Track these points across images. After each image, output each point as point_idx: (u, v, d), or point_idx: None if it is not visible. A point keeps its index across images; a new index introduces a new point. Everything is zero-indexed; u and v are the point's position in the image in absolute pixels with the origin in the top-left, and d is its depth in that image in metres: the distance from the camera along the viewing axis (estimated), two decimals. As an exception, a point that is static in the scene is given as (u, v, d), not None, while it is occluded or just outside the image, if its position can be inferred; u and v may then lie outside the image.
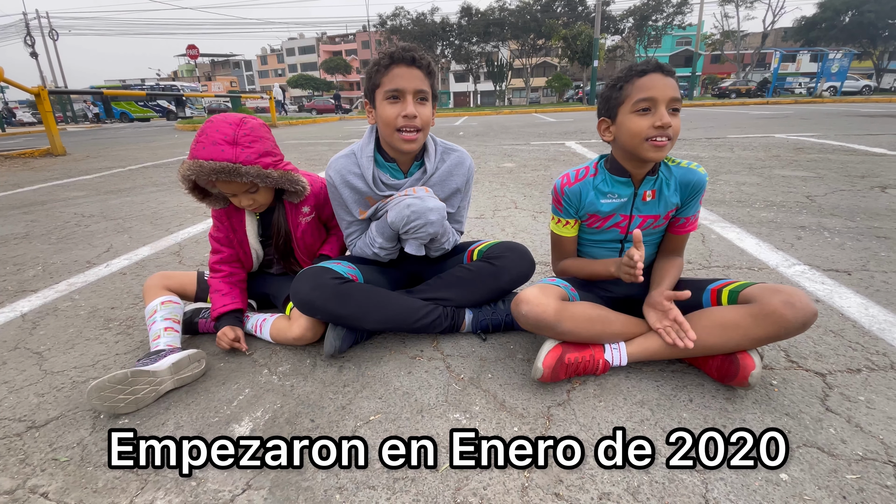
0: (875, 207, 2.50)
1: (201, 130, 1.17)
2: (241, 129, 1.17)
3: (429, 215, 1.19)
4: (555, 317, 1.05)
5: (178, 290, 1.38)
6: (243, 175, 1.16)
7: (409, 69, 1.14)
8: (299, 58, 70.94)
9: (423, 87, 1.16)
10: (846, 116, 9.23)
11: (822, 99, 19.05)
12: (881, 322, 1.32)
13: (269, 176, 1.20)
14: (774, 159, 4.25)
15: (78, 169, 5.67)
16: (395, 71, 1.14)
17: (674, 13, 33.04)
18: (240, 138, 1.16)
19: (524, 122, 11.79)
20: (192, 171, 1.15)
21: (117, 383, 1.02)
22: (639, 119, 1.03)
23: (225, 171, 1.14)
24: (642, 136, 1.03)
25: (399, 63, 1.14)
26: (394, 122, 1.16)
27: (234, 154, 1.15)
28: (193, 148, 1.16)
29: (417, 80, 1.15)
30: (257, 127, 1.22)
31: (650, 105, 1.01)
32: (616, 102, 1.08)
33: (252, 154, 1.17)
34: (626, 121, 1.05)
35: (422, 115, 1.17)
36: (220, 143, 1.14)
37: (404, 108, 1.15)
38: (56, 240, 2.53)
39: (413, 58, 1.14)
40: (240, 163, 1.15)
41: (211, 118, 1.20)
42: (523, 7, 35.37)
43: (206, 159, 1.13)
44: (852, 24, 32.86)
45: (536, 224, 2.50)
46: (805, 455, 0.87)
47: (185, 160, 1.17)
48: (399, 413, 1.03)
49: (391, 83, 1.14)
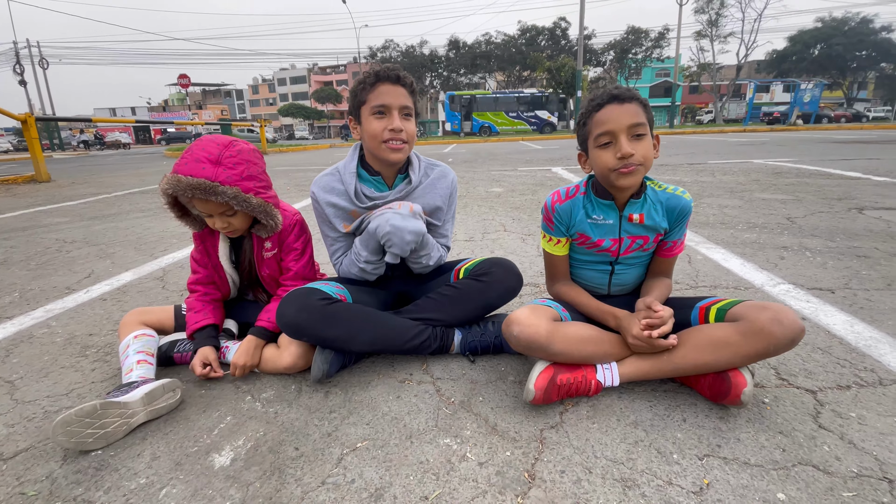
0: (853, 228, 2.57)
1: (189, 148, 1.17)
2: (227, 150, 1.17)
3: (405, 235, 1.20)
4: (547, 337, 1.04)
5: (155, 326, 1.34)
6: (219, 194, 1.14)
7: (394, 87, 1.19)
8: (290, 87, 72.13)
9: (407, 104, 1.21)
10: (820, 143, 9.60)
11: (797, 126, 19.81)
12: (867, 339, 1.33)
13: (246, 200, 1.18)
14: (754, 183, 4.37)
15: (62, 195, 5.59)
16: (381, 88, 1.18)
17: (652, 46, 34.55)
18: (224, 159, 1.16)
19: (512, 150, 12.02)
20: (169, 185, 1.14)
21: (85, 416, 0.96)
22: (602, 153, 1.06)
23: (201, 189, 1.13)
24: (609, 168, 1.06)
25: (384, 81, 1.18)
26: (381, 135, 1.19)
27: (214, 173, 1.14)
28: (177, 163, 1.15)
29: (402, 96, 1.20)
30: (246, 151, 1.21)
31: (610, 138, 1.05)
32: (583, 138, 1.13)
33: (234, 175, 1.16)
34: (594, 155, 1.09)
35: (407, 129, 1.21)
36: (202, 161, 1.14)
37: (391, 122, 1.19)
38: (35, 266, 2.46)
39: (398, 76, 1.19)
40: (218, 182, 1.14)
41: (201, 137, 1.19)
42: (508, 40, 36.70)
43: (185, 175, 1.12)
44: (822, 57, 34.67)
45: (525, 246, 2.51)
46: (801, 473, 0.85)
47: (167, 174, 1.16)
48: (387, 439, 1.00)
49: (378, 99, 1.18)
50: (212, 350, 1.26)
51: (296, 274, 1.37)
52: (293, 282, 1.37)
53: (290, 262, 1.37)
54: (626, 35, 34.39)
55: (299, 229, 1.38)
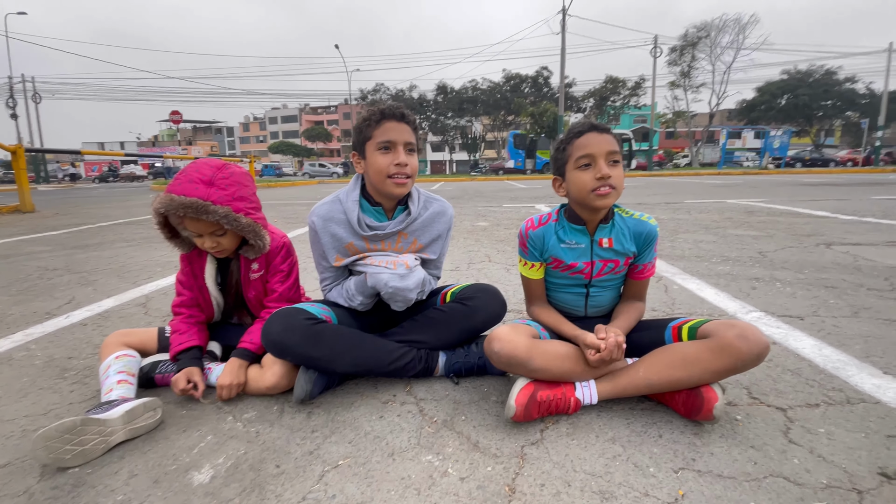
0: (822, 262, 2.69)
1: (183, 169, 1.21)
2: (220, 172, 1.22)
3: (408, 294, 1.27)
4: (526, 353, 1.08)
5: (138, 347, 1.33)
6: (211, 213, 1.18)
7: (399, 124, 1.25)
8: (281, 126, 73.53)
9: (411, 140, 1.27)
10: (790, 185, 10.06)
11: (769, 171, 20.77)
12: (835, 361, 1.39)
13: (237, 220, 1.22)
14: (728, 220, 4.55)
15: (45, 225, 5.53)
16: (387, 125, 1.24)
17: (629, 95, 36.37)
18: (217, 180, 1.20)
19: (497, 188, 12.32)
20: (162, 204, 1.18)
21: (65, 432, 0.95)
22: (581, 174, 1.15)
23: (193, 207, 1.16)
24: (587, 189, 1.14)
25: (390, 118, 1.25)
26: (386, 169, 1.24)
27: (207, 193, 1.18)
28: (170, 184, 1.20)
29: (406, 133, 1.26)
30: (238, 174, 1.26)
31: (590, 161, 1.14)
32: (562, 162, 1.21)
33: (225, 196, 1.20)
34: (573, 177, 1.17)
35: (411, 163, 1.27)
36: (195, 182, 1.18)
37: (396, 157, 1.24)
38: (16, 292, 2.42)
39: (402, 114, 1.26)
40: (210, 201, 1.17)
41: (195, 160, 1.24)
42: (494, 87, 38.37)
43: (178, 194, 1.16)
44: (789, 106, 36.84)
45: (509, 276, 2.56)
46: (772, 485, 0.88)
47: (160, 194, 1.20)
48: (369, 457, 1.00)
49: (384, 135, 1.24)
50: (197, 370, 1.25)
51: (280, 295, 1.39)
52: (277, 303, 1.38)
53: (275, 283, 1.40)
54: (604, 84, 36.24)
55: (286, 252, 1.41)
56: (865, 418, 1.09)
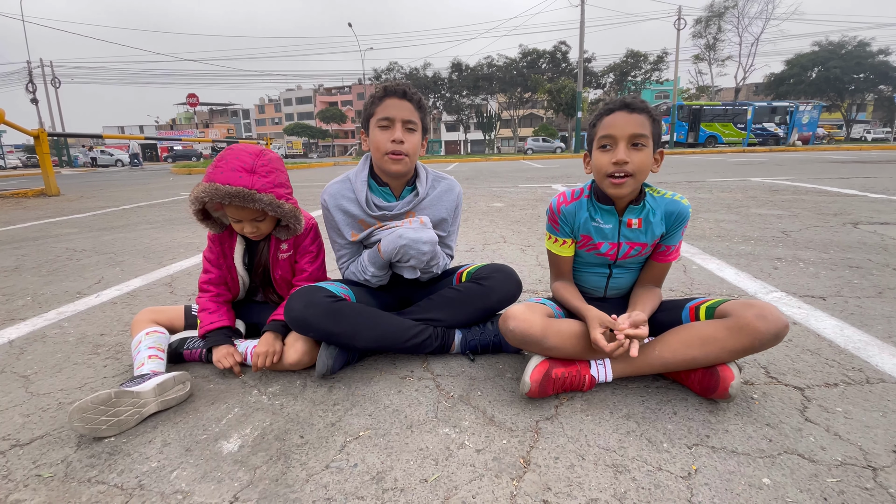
0: (847, 241, 2.62)
1: (221, 157, 1.23)
2: (259, 159, 1.24)
3: (420, 247, 1.26)
4: (541, 332, 1.09)
5: (166, 324, 1.39)
6: (257, 202, 1.21)
7: (400, 101, 1.26)
8: (296, 107, 73.45)
9: (411, 118, 1.27)
10: (818, 163, 9.71)
11: (796, 147, 20.03)
12: (856, 342, 1.37)
13: (280, 206, 1.25)
14: (751, 200, 4.44)
15: (71, 208, 5.70)
16: (388, 102, 1.25)
17: (651, 70, 35.18)
18: (258, 168, 1.23)
19: (513, 168, 12.18)
20: (206, 193, 1.20)
21: (100, 404, 1.01)
22: (601, 155, 1.12)
23: (240, 196, 1.19)
24: (604, 172, 1.12)
25: (392, 95, 1.26)
26: (383, 146, 1.25)
27: (251, 181, 1.21)
28: (211, 172, 1.22)
29: (406, 110, 1.26)
30: (275, 160, 1.29)
31: (610, 143, 1.11)
32: (590, 139, 1.18)
33: (268, 183, 1.23)
34: (594, 156, 1.15)
35: (409, 141, 1.27)
36: (238, 170, 1.21)
37: (393, 133, 1.25)
38: (47, 272, 2.53)
39: (404, 91, 1.26)
40: (255, 190, 1.21)
41: (231, 147, 1.26)
42: (510, 63, 37.45)
43: (223, 183, 1.19)
44: (819, 80, 35.17)
45: (525, 257, 2.56)
46: (786, 461, 0.89)
47: (201, 182, 1.22)
48: (388, 429, 1.04)
49: (383, 112, 1.25)
50: (235, 348, 1.31)
51: (310, 275, 1.43)
52: (306, 283, 1.42)
53: (304, 263, 1.43)
54: (625, 58, 35.13)
55: (314, 233, 1.45)
56: (884, 398, 1.08)
